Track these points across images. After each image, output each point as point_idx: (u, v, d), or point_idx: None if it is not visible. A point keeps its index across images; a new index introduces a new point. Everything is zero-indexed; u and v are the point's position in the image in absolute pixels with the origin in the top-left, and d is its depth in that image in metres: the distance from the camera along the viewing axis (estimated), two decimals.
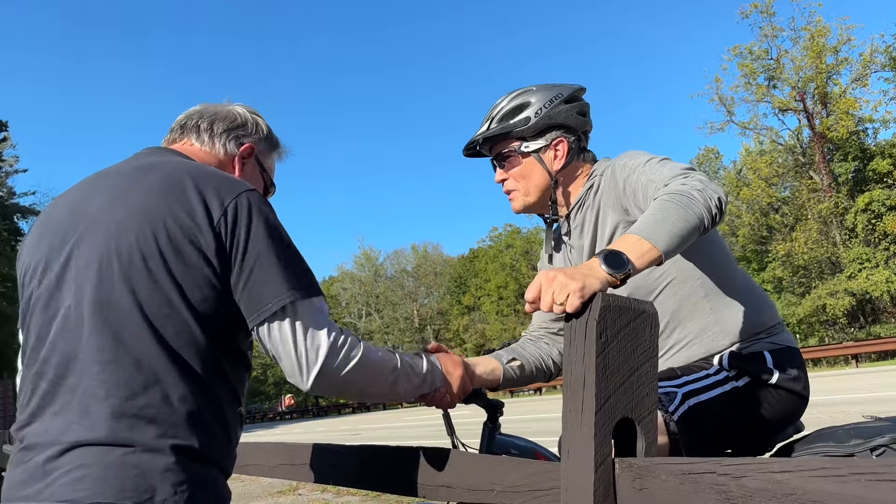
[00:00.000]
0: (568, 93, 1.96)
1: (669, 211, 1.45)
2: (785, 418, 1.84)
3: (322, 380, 1.29)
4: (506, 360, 2.06)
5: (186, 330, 1.27)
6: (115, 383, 1.23)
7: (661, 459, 1.05)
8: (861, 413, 8.47)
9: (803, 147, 36.70)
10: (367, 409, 47.48)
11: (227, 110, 1.68)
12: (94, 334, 1.25)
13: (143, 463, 1.20)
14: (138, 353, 1.24)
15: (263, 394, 77.89)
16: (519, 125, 1.93)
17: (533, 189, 1.98)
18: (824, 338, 33.54)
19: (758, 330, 1.84)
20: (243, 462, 2.60)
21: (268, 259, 1.30)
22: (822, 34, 33.74)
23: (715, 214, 1.50)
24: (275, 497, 8.87)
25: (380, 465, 1.83)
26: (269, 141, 1.73)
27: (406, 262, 69.57)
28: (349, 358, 1.32)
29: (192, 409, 1.26)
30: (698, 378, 1.78)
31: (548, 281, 1.23)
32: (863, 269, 31.49)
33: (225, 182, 1.35)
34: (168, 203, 1.29)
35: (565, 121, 1.94)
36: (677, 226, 1.42)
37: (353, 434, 20.30)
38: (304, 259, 1.38)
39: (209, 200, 1.30)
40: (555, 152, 1.95)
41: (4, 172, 43.07)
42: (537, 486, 1.29)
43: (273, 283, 1.29)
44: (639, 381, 1.13)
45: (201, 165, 1.44)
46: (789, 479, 0.86)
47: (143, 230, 1.27)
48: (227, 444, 1.35)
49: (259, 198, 1.36)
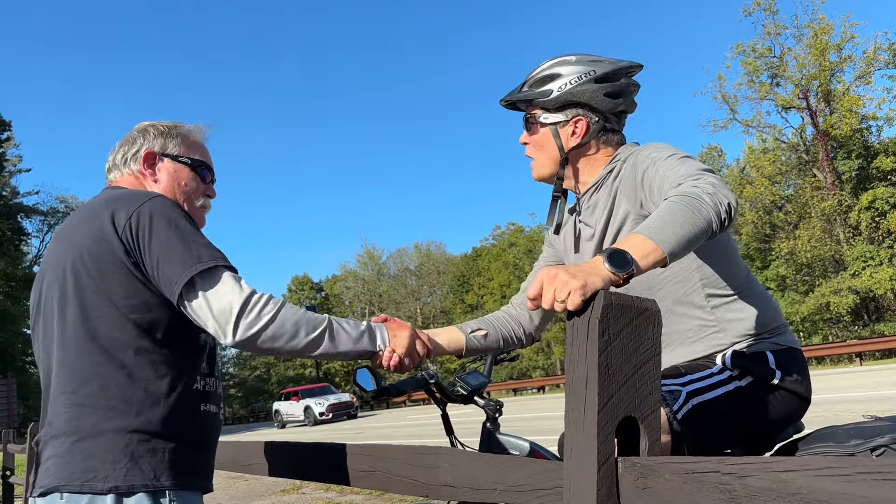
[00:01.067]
0: (603, 71, 1.91)
1: (677, 213, 1.43)
2: (786, 419, 1.83)
3: (240, 336, 1.49)
4: (470, 330, 2.10)
5: (118, 324, 1.52)
6: (67, 380, 1.52)
7: (664, 459, 1.04)
8: (866, 411, 8.44)
9: (807, 145, 36.62)
10: (371, 409, 47.52)
11: (125, 138, 1.87)
12: (58, 346, 1.55)
13: (88, 447, 1.47)
14: (81, 351, 1.51)
15: (267, 393, 77.99)
16: (542, 95, 1.93)
17: (547, 161, 1.99)
18: (828, 336, 33.48)
19: (760, 330, 1.83)
20: (247, 461, 2.60)
21: (169, 248, 1.52)
22: (825, 32, 33.65)
23: (724, 219, 1.48)
24: (278, 496, 8.88)
25: (382, 463, 1.83)
26: (169, 135, 1.87)
27: (409, 261, 69.59)
28: (262, 315, 1.51)
29: (130, 393, 1.50)
30: (702, 377, 1.77)
31: (549, 278, 1.23)
32: (867, 267, 31.41)
33: (130, 198, 1.60)
34: (88, 229, 1.57)
35: (588, 100, 1.91)
36: (684, 228, 1.41)
37: (356, 433, 20.31)
38: (206, 241, 1.59)
39: (117, 217, 1.55)
40: (573, 129, 1.94)
41: (8, 172, 43.19)
42: (540, 486, 1.29)
43: (177, 264, 1.51)
44: (642, 380, 1.12)
45: (119, 191, 1.70)
46: (794, 478, 0.85)
47: (73, 256, 1.56)
48: (178, 416, 1.55)
49: (159, 203, 1.59)
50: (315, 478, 2.15)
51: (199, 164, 1.88)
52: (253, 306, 1.50)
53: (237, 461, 2.68)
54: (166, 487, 1.49)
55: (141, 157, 1.81)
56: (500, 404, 2.36)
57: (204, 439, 1.64)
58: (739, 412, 1.76)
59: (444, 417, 2.39)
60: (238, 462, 2.67)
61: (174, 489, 1.51)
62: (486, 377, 2.45)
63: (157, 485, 1.48)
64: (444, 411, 2.38)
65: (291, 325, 1.54)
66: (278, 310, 1.53)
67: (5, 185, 43.28)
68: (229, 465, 2.72)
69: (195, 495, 1.59)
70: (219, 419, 1.74)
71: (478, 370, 2.49)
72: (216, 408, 1.71)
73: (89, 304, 1.52)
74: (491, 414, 2.34)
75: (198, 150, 1.91)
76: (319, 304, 70.21)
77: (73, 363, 1.52)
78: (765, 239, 38.28)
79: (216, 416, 1.71)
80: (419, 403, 41.74)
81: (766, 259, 37.66)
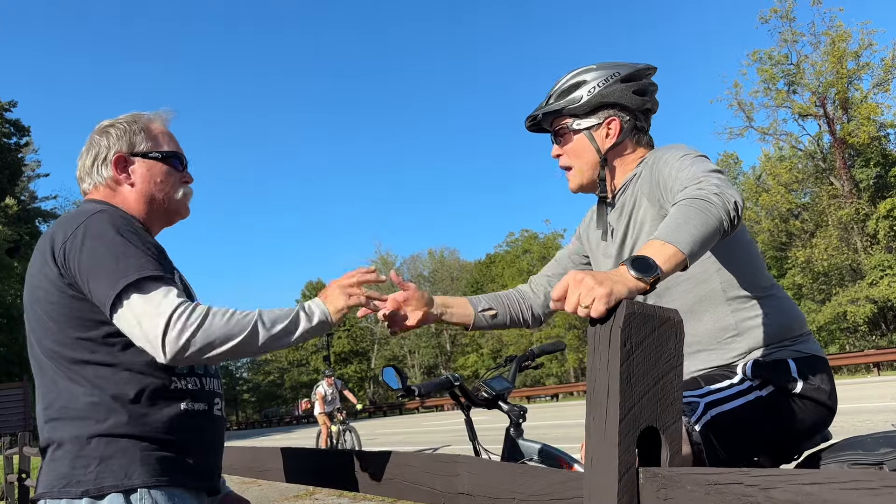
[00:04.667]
0: (627, 72, 1.96)
1: (690, 216, 1.45)
2: (810, 429, 1.80)
3: (171, 353, 1.47)
4: (480, 308, 2.15)
5: (70, 343, 1.57)
6: (41, 398, 1.63)
7: (686, 469, 1.03)
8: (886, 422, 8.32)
9: (824, 153, 36.34)
10: (384, 414, 47.49)
11: (88, 142, 1.84)
12: (33, 367, 1.67)
13: (62, 455, 1.55)
14: (45, 372, 1.61)
15: (280, 398, 78.14)
16: (572, 103, 1.96)
17: (585, 167, 2.00)
18: (845, 345, 33.11)
19: (782, 336, 1.81)
20: (262, 467, 2.61)
21: (98, 266, 1.53)
22: (842, 39, 33.43)
23: (733, 217, 1.50)
24: (291, 501, 8.89)
25: (399, 470, 1.82)
26: (133, 132, 1.82)
27: (423, 267, 69.62)
28: (186, 328, 1.48)
29: (97, 401, 1.55)
30: (721, 388, 1.75)
31: (576, 283, 1.22)
32: (885, 276, 31.09)
33: (70, 220, 1.63)
34: (39, 254, 1.64)
35: (619, 99, 1.94)
36: (698, 229, 1.42)
37: (369, 439, 20.28)
38: (137, 252, 1.56)
39: (55, 241, 1.60)
40: (607, 130, 1.96)
41: (26, 177, 43.60)
42: (560, 496, 1.28)
43: (104, 283, 1.51)
44: (664, 390, 1.11)
45: (68, 214, 1.70)
46: (819, 491, 0.84)
47: (30, 283, 1.65)
48: (149, 417, 1.58)
49: (95, 220, 1.59)
50: (330, 484, 2.15)
51: (169, 155, 1.85)
52: (176, 321, 1.48)
53: (252, 466, 2.68)
54: (138, 486, 1.52)
55: (111, 163, 1.78)
56: (523, 410, 2.35)
57: (186, 437, 1.64)
58: (760, 422, 1.74)
59: (467, 422, 2.38)
60: (253, 468, 2.68)
61: (149, 487, 1.53)
62: (511, 382, 2.44)
63: (128, 484, 1.51)
64: (467, 416, 2.37)
65: (220, 328, 1.51)
66: (203, 318, 1.50)
67: (24, 189, 43.71)
68: (244, 471, 2.73)
69: (182, 493, 1.59)
70: (212, 416, 1.73)
71: (502, 375, 2.48)
72: (206, 405, 1.71)
73: (44, 328, 1.61)
74: (514, 419, 2.33)
75: (165, 140, 1.86)
76: None
77: (42, 383, 1.63)
78: (781, 247, 38.00)
79: (206, 413, 1.71)
80: (433, 409, 41.67)
81: (782, 268, 37.36)
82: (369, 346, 71.78)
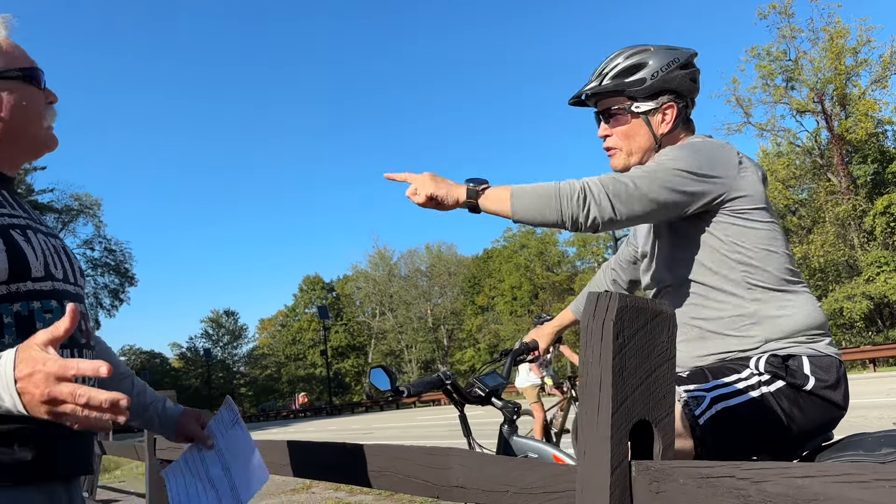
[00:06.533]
0: (684, 58, 1.97)
1: (547, 193, 1.70)
2: (818, 427, 1.78)
3: None
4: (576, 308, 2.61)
5: None
6: None
7: (678, 463, 1.03)
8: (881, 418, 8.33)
9: (821, 149, 36.37)
10: (381, 409, 47.55)
11: None
12: None
13: None
14: None
15: (277, 392, 78.16)
16: (634, 85, 1.94)
17: (636, 150, 1.99)
18: (841, 341, 33.17)
19: (799, 332, 1.78)
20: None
21: None
22: (841, 35, 33.42)
23: (580, 224, 1.69)
24: (288, 495, 8.89)
25: (393, 464, 1.82)
26: None
27: (420, 262, 69.57)
28: None
29: None
30: (728, 382, 1.73)
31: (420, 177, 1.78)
32: (881, 273, 31.13)
33: None
34: None
35: (678, 86, 1.95)
36: (539, 209, 1.70)
37: (365, 433, 20.32)
38: None
39: None
40: (663, 116, 1.96)
41: (23, 170, 43.48)
42: (552, 488, 1.28)
43: None
44: (656, 383, 1.11)
45: None
46: (811, 483, 0.84)
47: None
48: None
49: None
50: (325, 477, 2.15)
51: (28, 71, 1.51)
52: None
53: None
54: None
55: None
56: (518, 406, 2.34)
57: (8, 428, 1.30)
58: (767, 418, 1.72)
59: (461, 418, 2.37)
60: None
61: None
62: (505, 378, 2.41)
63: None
64: (461, 412, 2.37)
65: None
66: None
67: (20, 182, 43.62)
68: None
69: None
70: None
71: (496, 371, 2.46)
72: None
73: None
74: (508, 416, 2.32)
75: (17, 55, 1.52)
76: (330, 304, 70.38)
77: None
78: None
79: None
80: (429, 404, 41.72)
81: None
82: (366, 340, 71.77)
